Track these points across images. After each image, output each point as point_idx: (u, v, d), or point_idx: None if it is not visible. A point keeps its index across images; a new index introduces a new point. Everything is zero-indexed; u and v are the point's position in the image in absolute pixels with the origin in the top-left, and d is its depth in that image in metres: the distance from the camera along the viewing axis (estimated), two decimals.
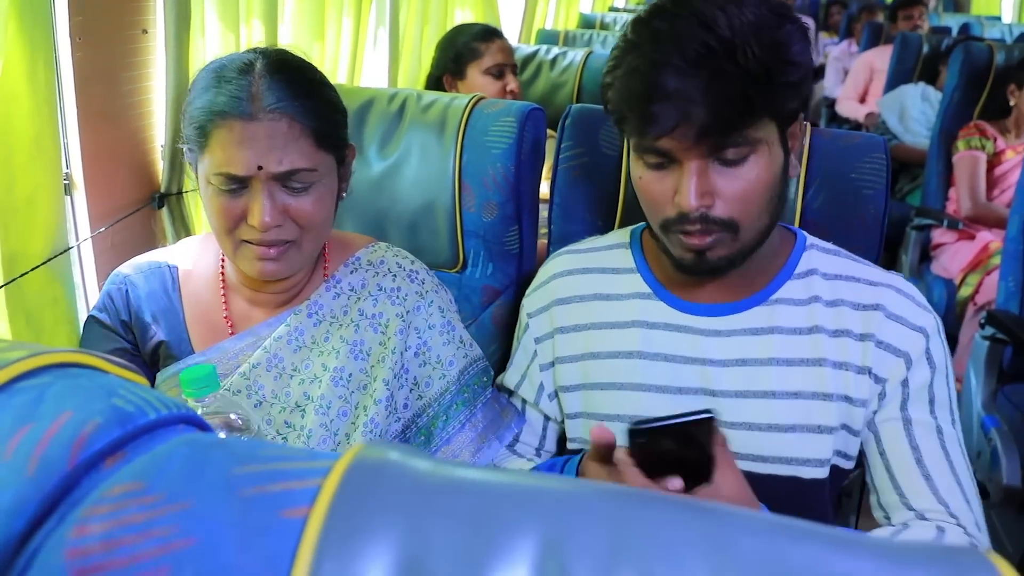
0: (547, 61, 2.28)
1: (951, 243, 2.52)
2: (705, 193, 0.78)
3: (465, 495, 0.31)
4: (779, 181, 0.82)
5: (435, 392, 0.93)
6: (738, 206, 0.79)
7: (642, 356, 0.90)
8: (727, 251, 0.82)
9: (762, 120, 0.77)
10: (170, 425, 0.41)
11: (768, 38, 0.74)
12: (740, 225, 0.81)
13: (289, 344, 0.90)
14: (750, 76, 0.73)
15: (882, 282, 0.89)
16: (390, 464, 0.33)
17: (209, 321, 0.93)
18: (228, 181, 0.80)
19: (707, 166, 0.78)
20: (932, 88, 3.37)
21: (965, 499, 0.82)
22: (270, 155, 0.79)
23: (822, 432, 0.85)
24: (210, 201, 0.83)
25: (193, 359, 0.91)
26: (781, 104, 0.78)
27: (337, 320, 0.91)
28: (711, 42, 0.73)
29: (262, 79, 0.81)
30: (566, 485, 0.32)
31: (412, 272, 0.96)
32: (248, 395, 0.88)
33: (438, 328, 0.94)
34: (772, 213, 0.84)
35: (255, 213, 0.80)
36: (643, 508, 0.31)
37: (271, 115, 0.79)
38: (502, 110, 1.22)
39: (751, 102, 0.74)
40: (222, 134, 0.79)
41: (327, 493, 0.31)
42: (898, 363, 0.85)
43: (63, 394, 0.40)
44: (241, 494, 0.31)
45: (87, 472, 0.37)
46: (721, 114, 0.74)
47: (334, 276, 0.94)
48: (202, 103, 0.81)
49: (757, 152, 0.79)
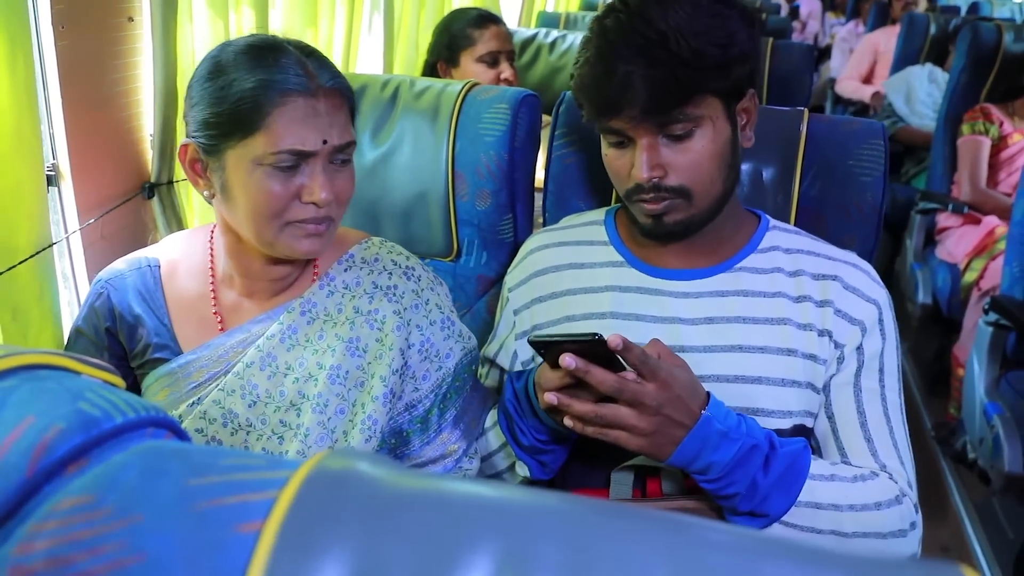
0: (546, 45, 2.25)
1: (956, 227, 2.49)
2: (655, 166, 0.89)
3: (424, 509, 0.30)
4: (728, 152, 0.92)
5: (431, 384, 0.93)
6: (688, 175, 0.90)
7: (615, 316, 0.96)
8: (683, 215, 0.92)
9: (702, 98, 0.87)
10: (138, 428, 0.40)
11: (701, 25, 0.85)
12: (692, 192, 0.91)
13: (283, 343, 0.89)
14: (682, 61, 0.84)
15: (839, 258, 0.97)
16: (350, 474, 0.32)
17: (198, 317, 0.92)
18: (290, 158, 0.80)
19: (657, 142, 0.89)
20: (939, 69, 3.32)
21: (900, 461, 0.91)
22: (332, 130, 0.82)
23: (786, 385, 0.91)
24: (260, 184, 0.81)
25: (184, 357, 0.90)
26: (716, 83, 0.87)
27: (332, 318, 0.90)
28: (649, 34, 0.85)
29: (309, 58, 0.83)
30: (528, 497, 0.31)
31: (408, 269, 0.95)
32: (242, 395, 0.87)
33: (439, 324, 0.94)
34: (724, 180, 0.93)
35: (315, 190, 0.82)
36: (607, 522, 0.30)
37: (328, 92, 0.83)
38: (496, 97, 1.20)
39: (684, 83, 0.85)
40: (285, 111, 0.80)
41: (282, 506, 0.30)
42: (854, 331, 0.92)
43: (27, 399, 0.39)
44: (195, 507, 0.30)
45: (48, 480, 0.36)
46: (658, 95, 0.85)
47: (327, 274, 0.92)
48: (252, 83, 0.79)
49: (701, 127, 0.89)
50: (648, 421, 0.78)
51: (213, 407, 0.88)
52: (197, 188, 0.88)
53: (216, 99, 0.81)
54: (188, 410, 0.88)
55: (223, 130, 0.81)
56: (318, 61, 0.84)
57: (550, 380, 0.82)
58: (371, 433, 0.87)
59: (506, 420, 0.94)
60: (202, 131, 0.82)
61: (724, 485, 0.81)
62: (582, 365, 0.77)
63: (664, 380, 0.78)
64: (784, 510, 0.83)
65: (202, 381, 0.89)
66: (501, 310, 1.07)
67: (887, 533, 0.86)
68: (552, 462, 0.94)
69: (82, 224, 1.09)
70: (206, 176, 0.85)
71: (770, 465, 0.82)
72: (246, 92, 0.79)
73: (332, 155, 0.84)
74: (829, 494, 0.84)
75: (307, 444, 0.85)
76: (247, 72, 0.80)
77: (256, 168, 0.81)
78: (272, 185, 0.81)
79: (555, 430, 0.90)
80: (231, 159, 0.82)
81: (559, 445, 0.93)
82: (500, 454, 0.98)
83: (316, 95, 0.81)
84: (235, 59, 0.81)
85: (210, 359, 0.89)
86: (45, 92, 1.00)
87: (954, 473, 2.16)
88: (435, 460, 0.93)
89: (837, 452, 0.91)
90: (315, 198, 0.82)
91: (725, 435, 0.80)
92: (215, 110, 0.81)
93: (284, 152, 0.80)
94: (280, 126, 0.80)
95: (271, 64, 0.81)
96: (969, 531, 1.96)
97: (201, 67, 0.84)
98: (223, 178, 0.83)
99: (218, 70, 0.82)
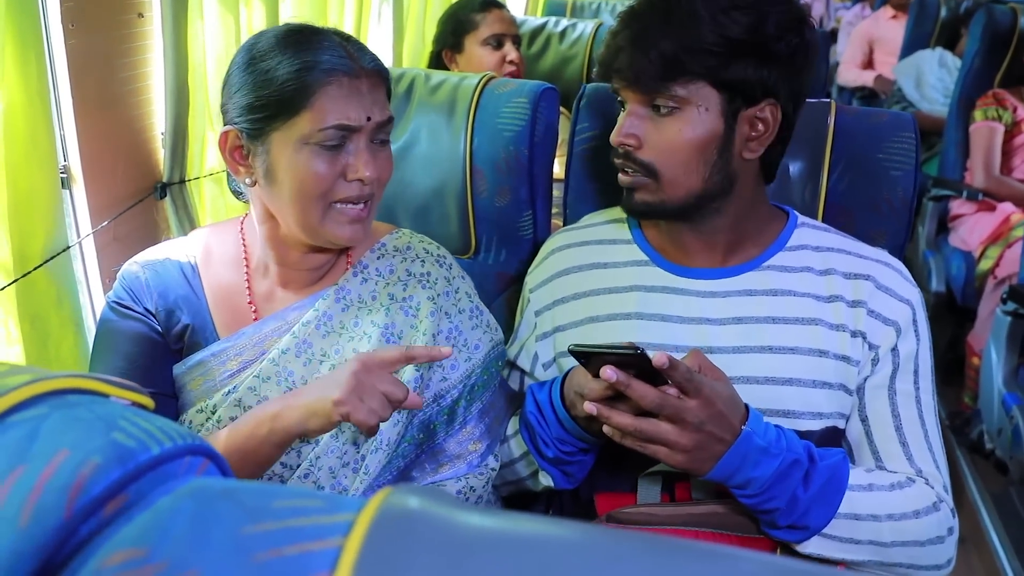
0: (556, 34, 2.21)
1: (970, 214, 2.46)
2: (630, 134, 0.89)
3: (502, 551, 0.28)
4: (711, 149, 0.89)
5: (460, 374, 0.93)
6: (658, 155, 0.89)
7: (640, 317, 0.94)
8: (650, 197, 0.91)
9: (692, 80, 0.86)
10: (176, 458, 0.38)
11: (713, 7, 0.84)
12: (660, 174, 0.89)
13: (318, 329, 0.89)
14: (676, 36, 0.84)
15: (871, 256, 0.94)
16: (419, 516, 0.30)
17: (232, 306, 0.92)
18: (336, 135, 0.82)
19: (644, 113, 0.89)
20: (950, 54, 3.28)
21: (936, 465, 0.89)
22: (374, 107, 0.85)
23: (817, 387, 0.89)
24: (306, 164, 0.83)
25: (219, 345, 0.90)
26: (705, 69, 0.85)
27: (366, 305, 0.91)
28: (658, 3, 0.87)
29: (347, 42, 0.86)
30: (609, 537, 0.29)
31: (440, 257, 0.96)
32: (278, 382, 0.88)
33: (467, 312, 0.94)
34: (703, 177, 0.90)
35: (360, 167, 0.84)
36: (683, 567, 0.28)
37: (368, 72, 0.85)
38: (514, 90, 1.18)
39: (670, 61, 0.85)
40: (331, 90, 0.82)
41: (349, 555, 0.28)
42: (888, 331, 0.90)
43: (59, 429, 0.38)
44: (255, 559, 0.28)
45: (85, 520, 0.34)
46: (639, 66, 0.86)
47: (360, 262, 0.93)
48: (297, 64, 0.81)
49: (684, 111, 0.87)
50: (689, 437, 0.76)
51: (248, 394, 0.88)
52: (236, 175, 0.88)
53: (260, 83, 0.82)
54: (223, 399, 0.88)
55: (268, 112, 0.82)
56: (356, 45, 0.87)
57: (593, 390, 0.80)
58: (398, 418, 0.88)
59: (528, 432, 0.92)
60: (245, 116, 0.83)
61: (764, 500, 0.80)
62: (623, 379, 0.75)
63: (707, 397, 0.76)
64: (824, 523, 0.81)
65: (237, 370, 0.89)
66: (522, 311, 1.05)
67: (925, 541, 0.84)
68: (577, 472, 0.93)
69: (95, 227, 1.07)
70: (247, 163, 0.86)
71: (810, 479, 0.80)
72: (291, 74, 0.81)
73: (374, 133, 0.86)
74: (868, 504, 0.83)
75: (340, 429, 0.86)
76: (292, 55, 0.82)
77: (302, 147, 0.82)
78: (318, 165, 0.82)
79: (580, 440, 0.88)
80: (276, 141, 0.83)
81: (584, 455, 0.91)
82: (522, 462, 0.96)
83: (359, 75, 0.84)
84: (275, 44, 0.83)
85: (245, 347, 0.90)
86: (56, 92, 0.98)
87: (969, 463, 2.14)
88: (459, 456, 0.92)
89: (871, 456, 0.90)
90: (360, 175, 0.84)
91: (765, 451, 0.78)
92: (259, 93, 0.82)
93: (330, 128, 0.82)
94: (326, 104, 0.81)
95: (314, 47, 0.82)
96: (987, 522, 1.95)
97: (239, 56, 0.85)
98: (267, 162, 0.84)
99: (259, 56, 0.83)
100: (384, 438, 0.87)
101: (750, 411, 0.80)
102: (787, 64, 0.87)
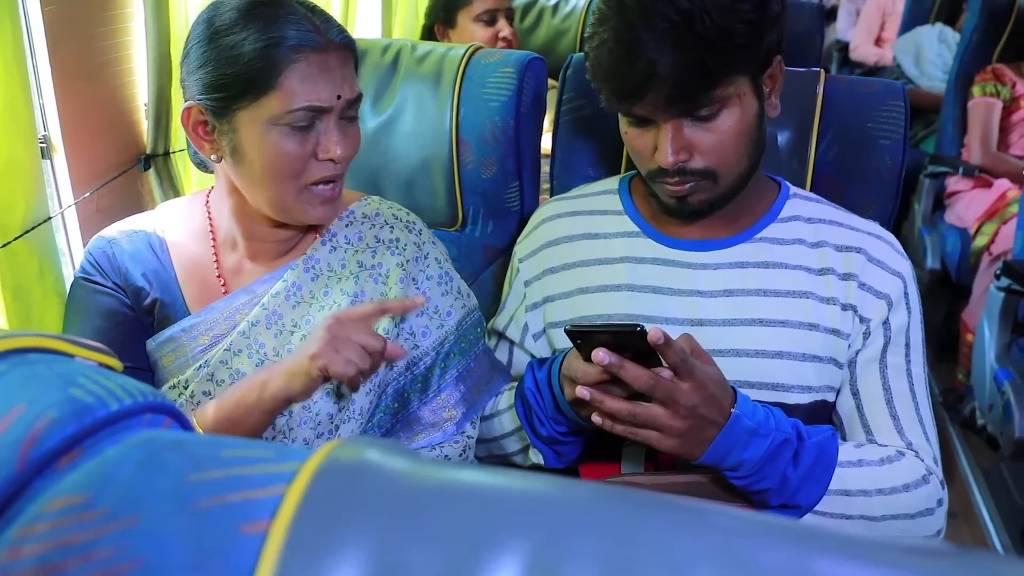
0: (548, 7, 2.19)
1: (966, 191, 2.45)
2: (680, 149, 0.84)
3: (446, 503, 0.28)
4: (755, 127, 0.88)
5: (432, 341, 0.92)
6: (714, 157, 0.86)
7: (631, 288, 0.93)
8: (708, 195, 0.89)
9: (729, 78, 0.82)
10: (135, 415, 0.37)
11: (724, 3, 0.79)
12: (718, 173, 0.87)
13: (287, 300, 0.88)
14: (708, 43, 0.78)
15: (863, 229, 0.93)
16: (363, 466, 0.29)
17: (201, 280, 0.91)
18: (306, 116, 0.80)
19: (682, 124, 0.84)
20: (950, 29, 3.25)
21: (926, 437, 0.89)
22: (344, 84, 0.82)
23: (807, 360, 0.88)
24: (276, 145, 0.80)
25: (189, 320, 0.89)
26: (744, 62, 0.83)
27: (336, 274, 0.90)
28: (672, 14, 0.78)
29: (313, 14, 0.81)
30: (559, 488, 0.29)
31: (409, 223, 0.95)
32: (249, 355, 0.87)
33: (436, 279, 0.93)
34: (751, 156, 0.89)
35: (331, 146, 0.81)
36: (648, 516, 0.27)
37: (337, 46, 0.82)
38: (500, 60, 1.16)
39: (712, 67, 0.80)
40: (299, 68, 0.79)
41: (290, 503, 0.27)
42: (880, 304, 0.89)
43: (16, 386, 0.37)
44: (196, 507, 0.28)
45: (38, 473, 0.34)
46: (685, 82, 0.80)
47: (329, 230, 0.92)
48: (263, 41, 0.77)
49: (728, 107, 0.84)
50: (682, 421, 0.76)
51: (220, 368, 0.87)
52: (201, 152, 0.85)
53: (223, 60, 0.79)
54: (195, 373, 0.87)
55: (234, 91, 0.79)
56: (322, 16, 0.82)
57: (586, 374, 0.78)
58: (370, 387, 0.87)
59: (524, 408, 0.92)
60: (208, 94, 0.80)
61: (755, 481, 0.80)
62: (616, 361, 0.74)
63: (700, 380, 0.76)
64: (815, 501, 0.81)
65: (208, 344, 0.88)
66: (510, 281, 1.04)
67: (915, 514, 0.84)
68: (569, 452, 0.92)
69: (77, 198, 1.06)
70: (212, 138, 0.83)
71: (800, 458, 0.80)
72: (256, 51, 0.78)
73: (344, 111, 0.83)
74: (858, 480, 0.82)
75: (313, 399, 0.85)
76: (255, 31, 0.78)
77: (271, 128, 0.80)
78: (289, 146, 0.81)
79: (575, 422, 0.87)
80: (243, 120, 0.80)
81: (578, 437, 0.90)
82: (513, 437, 0.96)
83: (327, 50, 0.80)
84: (238, 17, 0.79)
85: (216, 321, 0.89)
86: (33, 60, 0.96)
87: (962, 439, 2.15)
88: (434, 425, 0.92)
89: (862, 429, 0.89)
90: (332, 154, 0.82)
91: (755, 432, 0.78)
92: (223, 71, 0.79)
93: (300, 110, 0.79)
94: (294, 83, 0.79)
95: (279, 20, 0.79)
96: (977, 497, 1.96)
97: (196, 29, 0.81)
98: (234, 140, 0.82)
99: (221, 30, 0.79)
100: (357, 407, 0.86)
101: (738, 393, 0.80)
102: (782, 16, 0.86)
